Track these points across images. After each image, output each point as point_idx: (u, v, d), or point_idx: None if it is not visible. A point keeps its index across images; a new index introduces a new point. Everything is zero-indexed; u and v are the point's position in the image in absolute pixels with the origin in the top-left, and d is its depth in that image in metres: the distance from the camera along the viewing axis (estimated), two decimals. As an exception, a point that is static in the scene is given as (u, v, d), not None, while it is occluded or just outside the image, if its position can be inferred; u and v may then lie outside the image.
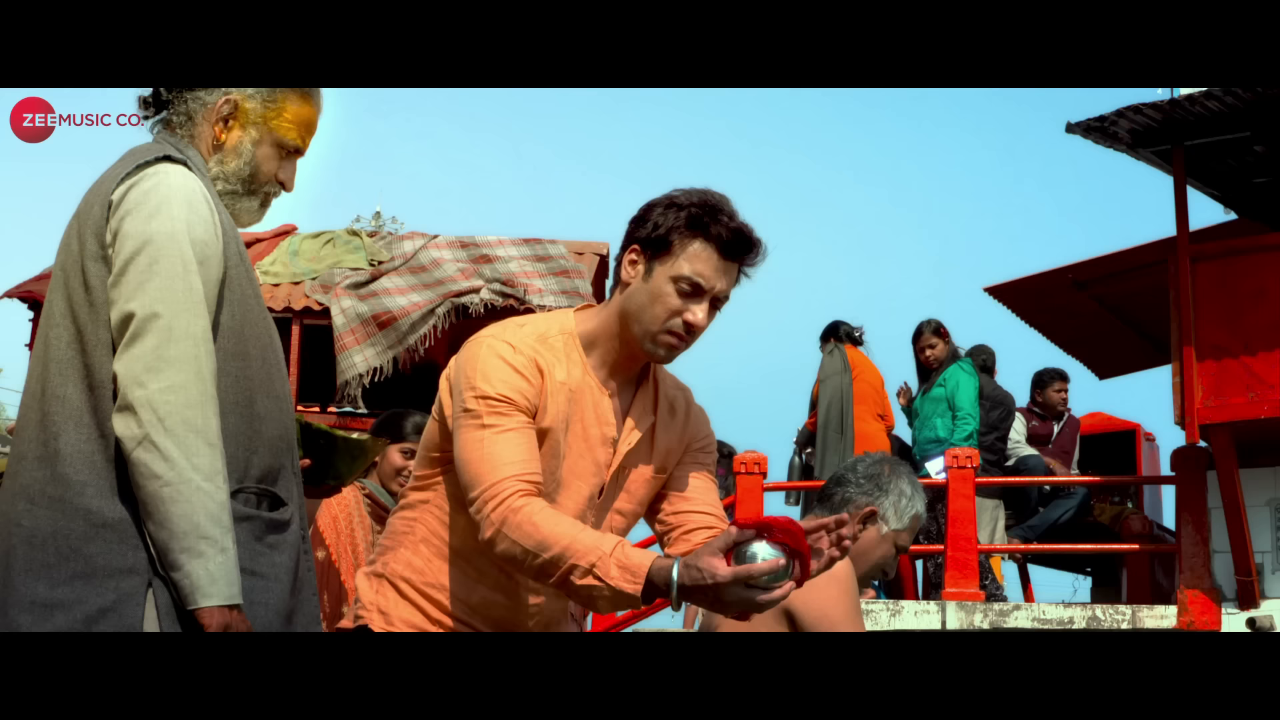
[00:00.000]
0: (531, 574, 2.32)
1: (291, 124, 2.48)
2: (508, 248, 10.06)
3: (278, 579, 2.31)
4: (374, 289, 9.54)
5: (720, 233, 2.40)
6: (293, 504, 2.39)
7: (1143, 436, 10.60)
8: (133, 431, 2.16)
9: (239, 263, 2.37)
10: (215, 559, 2.15)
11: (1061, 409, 9.44)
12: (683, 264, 2.40)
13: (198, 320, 2.23)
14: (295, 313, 9.34)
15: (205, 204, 2.31)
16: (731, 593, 2.16)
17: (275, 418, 2.37)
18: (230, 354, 2.31)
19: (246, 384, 2.33)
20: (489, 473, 2.34)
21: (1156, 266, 8.47)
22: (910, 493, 3.22)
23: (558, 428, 2.44)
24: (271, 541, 2.32)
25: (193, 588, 2.14)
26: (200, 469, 2.16)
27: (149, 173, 2.30)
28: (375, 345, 9.22)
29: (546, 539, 2.27)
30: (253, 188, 2.49)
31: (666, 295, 2.41)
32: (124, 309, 2.21)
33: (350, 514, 4.62)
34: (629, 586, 2.21)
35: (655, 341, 2.43)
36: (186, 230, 2.26)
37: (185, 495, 2.15)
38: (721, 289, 2.42)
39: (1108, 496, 9.82)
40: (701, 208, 2.41)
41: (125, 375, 2.18)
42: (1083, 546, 9.03)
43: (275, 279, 9.74)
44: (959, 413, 8.51)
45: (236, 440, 2.29)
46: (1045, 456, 9.16)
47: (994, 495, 8.71)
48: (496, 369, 2.41)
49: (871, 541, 3.19)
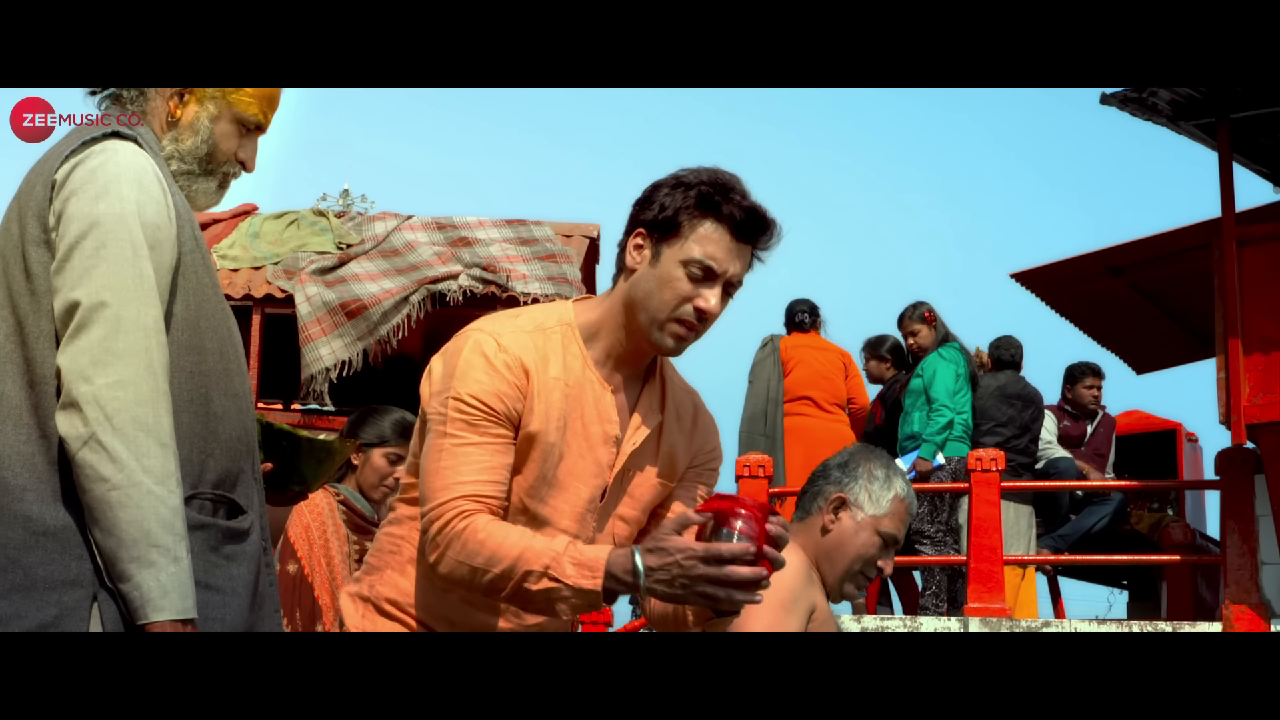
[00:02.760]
0: (483, 591, 2.36)
1: (252, 98, 2.48)
2: (489, 229, 10.05)
3: (235, 593, 2.31)
4: (342, 274, 9.53)
5: (732, 212, 2.42)
6: (253, 512, 2.40)
7: (1184, 437, 10.63)
8: (77, 431, 2.16)
9: (194, 248, 2.37)
10: (168, 569, 2.16)
11: (1093, 407, 9.46)
12: (693, 246, 2.42)
13: (149, 310, 2.23)
14: (256, 300, 9.33)
15: (157, 184, 2.31)
16: (702, 572, 2.19)
17: (233, 417, 2.37)
18: (184, 347, 2.31)
19: (202, 380, 2.33)
20: (440, 490, 2.38)
21: (1200, 251, 8.48)
22: (884, 476, 3.26)
23: (549, 428, 2.46)
24: (229, 552, 2.32)
25: (143, 600, 2.15)
26: (151, 471, 2.16)
27: (96, 150, 2.30)
28: (343, 336, 9.21)
29: (496, 552, 2.31)
30: (210, 167, 2.49)
31: (676, 280, 2.43)
32: (68, 297, 2.21)
33: (324, 523, 4.60)
34: (588, 582, 2.25)
35: (664, 330, 2.45)
36: (137, 212, 2.26)
37: (135, 500, 2.15)
38: (735, 273, 2.45)
39: (1146, 503, 9.84)
40: (712, 186, 2.43)
41: (69, 369, 2.18)
42: (1118, 557, 9.05)
43: (234, 263, 9.73)
44: (934, 404, 8.53)
45: (190, 442, 2.29)
46: (1078, 459, 9.18)
47: (1025, 501, 8.73)
48: (475, 368, 2.43)
49: (847, 531, 3.23)
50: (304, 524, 4.59)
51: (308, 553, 4.55)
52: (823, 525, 3.26)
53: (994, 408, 8.80)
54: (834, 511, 3.25)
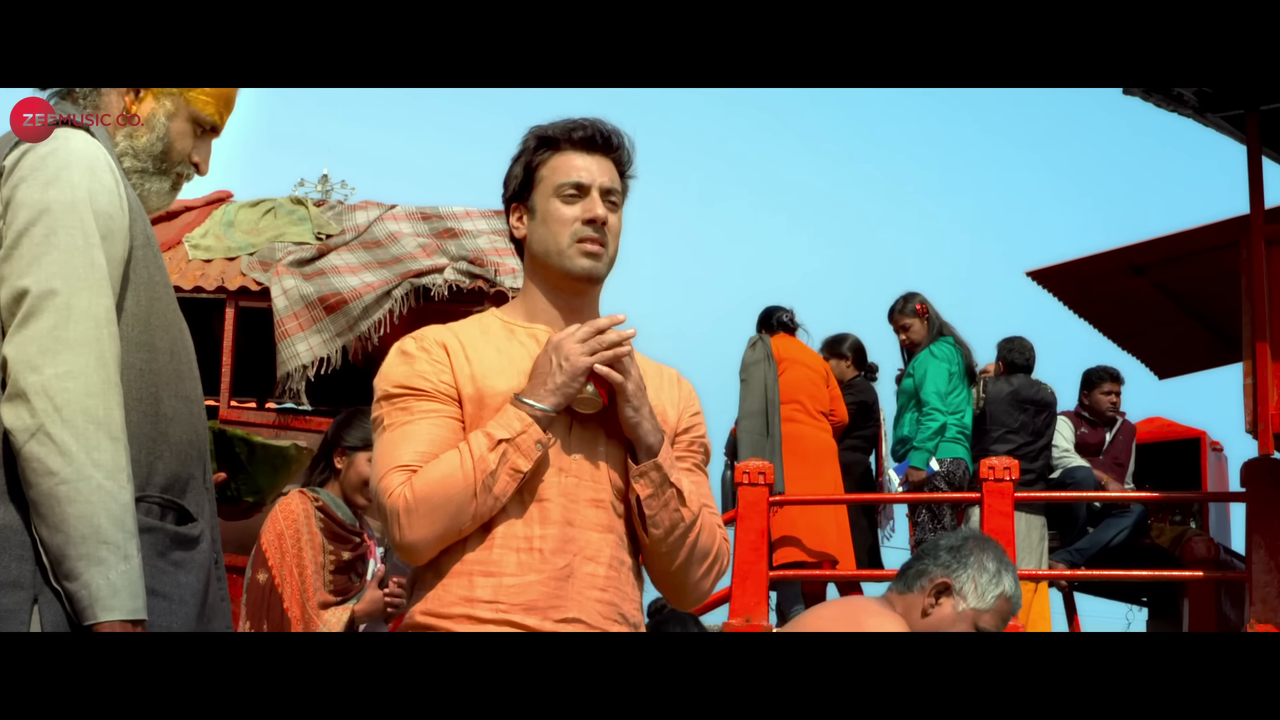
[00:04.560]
0: (456, 518, 2.52)
1: (210, 98, 2.53)
2: (476, 220, 10.05)
3: (183, 601, 2.32)
4: (321, 267, 9.52)
5: (569, 134, 2.72)
6: (203, 520, 2.41)
7: (1208, 446, 10.61)
8: (24, 422, 2.17)
9: (146, 244, 2.38)
10: (118, 567, 2.16)
11: (1111, 414, 9.45)
12: (553, 178, 2.70)
13: (100, 299, 2.24)
14: (230, 293, 9.32)
15: (110, 173, 2.33)
16: (571, 345, 2.56)
17: (184, 420, 2.39)
18: (134, 344, 2.32)
19: (152, 379, 2.34)
20: (385, 474, 2.55)
21: (1227, 249, 8.47)
22: (994, 569, 3.32)
23: (497, 379, 2.63)
24: (177, 559, 2.33)
25: (91, 599, 2.15)
26: (102, 465, 2.17)
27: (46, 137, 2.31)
28: (322, 332, 9.21)
29: (446, 475, 2.51)
30: (164, 166, 2.52)
31: (556, 210, 2.69)
32: (16, 285, 2.23)
33: (298, 530, 4.57)
34: (519, 422, 2.54)
35: (571, 255, 2.68)
36: (89, 199, 2.28)
37: (84, 494, 2.16)
38: (604, 182, 2.70)
39: (1167, 515, 9.84)
40: (545, 128, 2.72)
41: (17, 359, 2.19)
42: (1138, 573, 9.04)
43: (207, 254, 9.72)
44: (924, 407, 8.53)
45: (139, 442, 2.30)
46: (1096, 468, 9.17)
47: (1036, 512, 8.72)
48: (394, 364, 2.64)
49: (946, 618, 3.30)
50: (277, 531, 4.56)
51: (279, 561, 4.52)
52: (923, 607, 3.33)
53: (1006, 413, 8.79)
54: (935, 596, 3.32)
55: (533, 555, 2.56)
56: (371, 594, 4.45)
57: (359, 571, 4.69)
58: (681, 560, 2.67)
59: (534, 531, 2.57)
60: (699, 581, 2.71)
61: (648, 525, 2.64)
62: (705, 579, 2.72)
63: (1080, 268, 10.02)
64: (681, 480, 2.65)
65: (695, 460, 2.79)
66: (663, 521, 2.63)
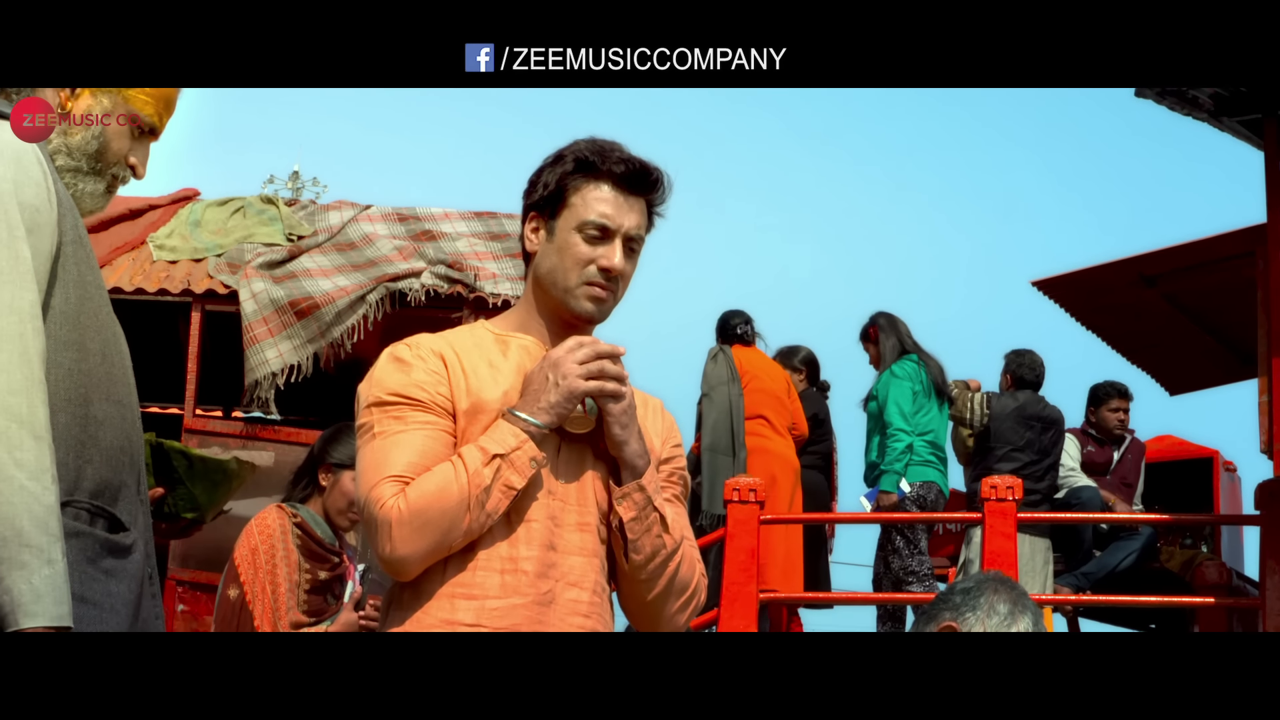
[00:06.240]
0: (449, 534, 2.52)
1: (149, 99, 2.52)
2: (455, 222, 10.05)
3: (114, 610, 2.31)
4: (292, 269, 9.51)
5: (612, 168, 2.68)
6: (136, 530, 2.40)
7: (1221, 466, 10.63)
8: None
9: (77, 241, 2.38)
10: (41, 571, 2.16)
11: (1118, 432, 9.46)
12: (582, 210, 2.67)
13: (24, 293, 2.24)
14: (196, 296, 9.30)
15: (37, 165, 2.33)
16: (569, 362, 2.57)
17: (116, 425, 2.38)
18: (62, 343, 2.32)
19: (81, 380, 2.34)
20: (372, 484, 2.55)
21: (1243, 260, 8.49)
22: (1006, 612, 3.31)
23: (492, 394, 2.64)
24: (108, 566, 2.33)
25: (14, 605, 2.15)
26: (24, 465, 2.16)
27: None
28: (293, 338, 9.19)
29: (441, 489, 2.51)
30: (99, 167, 2.52)
31: (574, 245, 2.67)
32: None
33: (273, 546, 4.55)
34: (514, 438, 2.55)
35: (577, 296, 2.67)
36: (14, 191, 2.28)
37: (5, 495, 2.16)
38: (630, 227, 2.69)
39: (1178, 538, 9.86)
40: (589, 150, 2.69)
41: None
42: (1147, 598, 9.04)
43: (172, 254, 9.70)
44: (888, 429, 8.54)
45: (66, 444, 2.30)
46: (1103, 488, 9.18)
47: (1041, 534, 8.72)
48: (389, 370, 2.63)
49: None
50: (251, 546, 4.55)
51: (252, 577, 4.51)
52: None
53: (1010, 430, 8.79)
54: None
55: (518, 577, 2.57)
56: (346, 616, 4.44)
57: (336, 593, 4.68)
58: (660, 590, 2.68)
59: (519, 553, 2.58)
60: (674, 615, 2.72)
61: (629, 550, 2.65)
62: (680, 614, 2.73)
63: (1088, 278, 10.02)
64: (665, 507, 2.67)
65: (675, 491, 2.80)
66: (644, 547, 2.64)
